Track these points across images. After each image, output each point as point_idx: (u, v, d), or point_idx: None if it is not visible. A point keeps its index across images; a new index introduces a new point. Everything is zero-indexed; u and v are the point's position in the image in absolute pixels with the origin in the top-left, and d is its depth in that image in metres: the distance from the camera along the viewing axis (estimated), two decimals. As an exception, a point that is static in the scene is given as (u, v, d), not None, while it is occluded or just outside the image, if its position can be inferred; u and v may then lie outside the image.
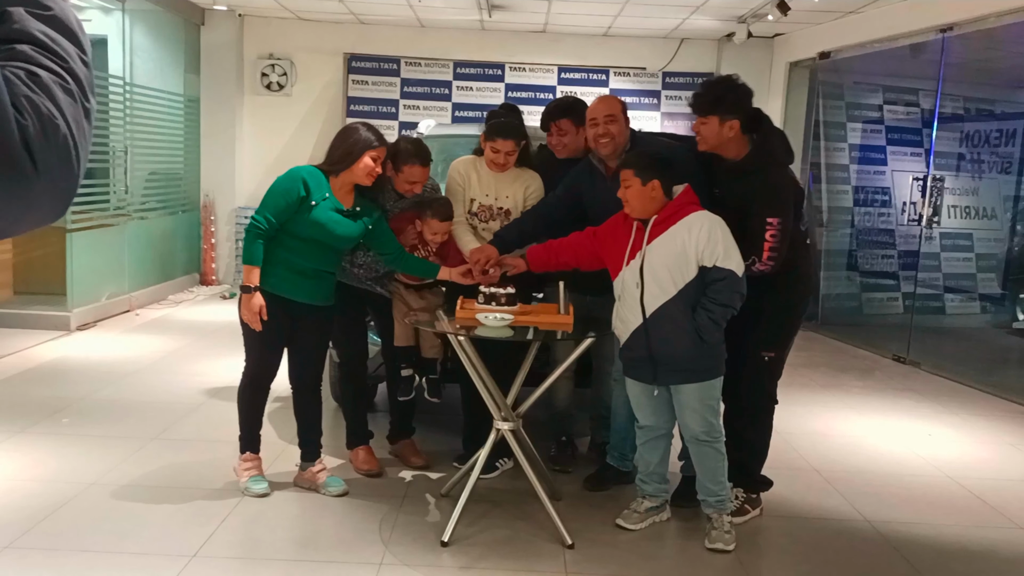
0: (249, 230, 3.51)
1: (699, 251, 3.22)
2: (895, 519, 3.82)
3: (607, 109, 3.70)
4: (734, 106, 3.44)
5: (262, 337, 3.59)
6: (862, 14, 7.63)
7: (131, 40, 7.81)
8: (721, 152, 3.52)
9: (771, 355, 3.59)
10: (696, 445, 3.41)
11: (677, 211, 3.29)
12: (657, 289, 3.26)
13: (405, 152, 3.76)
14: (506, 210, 3.98)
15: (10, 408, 4.82)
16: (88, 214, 7.11)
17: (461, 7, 8.23)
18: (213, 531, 3.34)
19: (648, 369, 3.37)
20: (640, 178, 3.28)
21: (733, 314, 3.28)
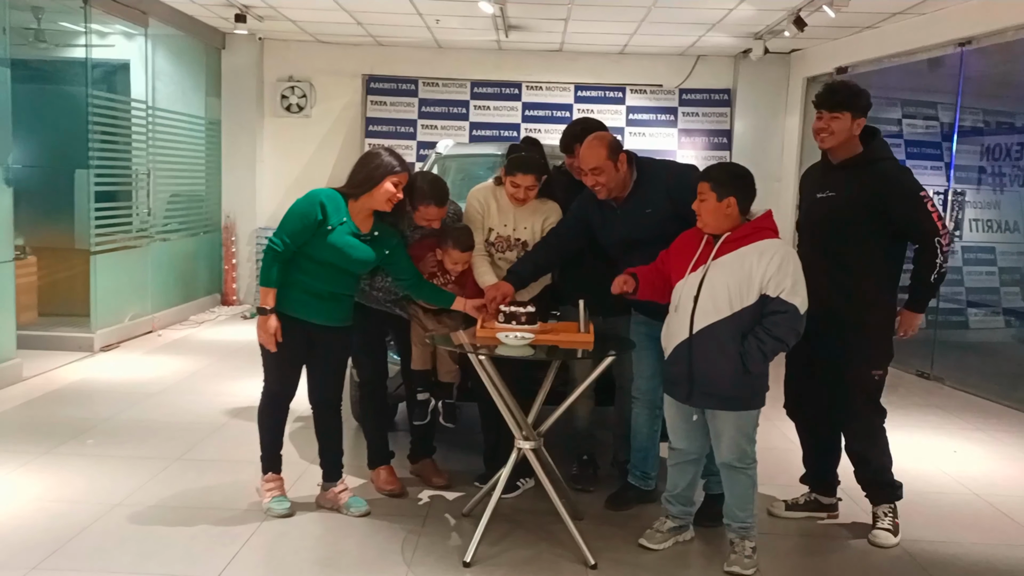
0: (266, 252, 3.54)
1: (766, 278, 3.13)
2: (922, 538, 3.77)
3: (591, 161, 3.58)
4: (864, 105, 3.50)
5: (279, 357, 3.61)
6: (879, 29, 7.62)
7: (153, 64, 7.93)
8: (838, 152, 3.54)
9: (880, 373, 3.60)
10: (728, 470, 3.35)
11: (753, 233, 3.20)
12: (711, 306, 3.19)
13: (420, 192, 3.74)
14: (523, 241, 3.98)
15: (36, 429, 4.87)
16: (111, 236, 7.20)
17: (478, 27, 8.30)
18: (237, 551, 3.36)
19: (684, 387, 3.30)
20: (716, 193, 3.19)
21: (784, 351, 3.23)
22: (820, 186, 3.63)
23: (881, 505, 3.72)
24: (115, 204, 7.31)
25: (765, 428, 4.61)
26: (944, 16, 6.82)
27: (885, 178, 3.48)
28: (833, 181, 3.58)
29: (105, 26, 7.48)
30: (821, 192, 3.61)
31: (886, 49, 7.64)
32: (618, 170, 3.60)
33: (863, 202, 3.47)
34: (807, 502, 3.90)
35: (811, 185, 3.72)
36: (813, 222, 3.67)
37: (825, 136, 3.53)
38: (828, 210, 3.57)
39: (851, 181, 3.51)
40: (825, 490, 3.90)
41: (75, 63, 7.29)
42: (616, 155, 3.59)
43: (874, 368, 3.57)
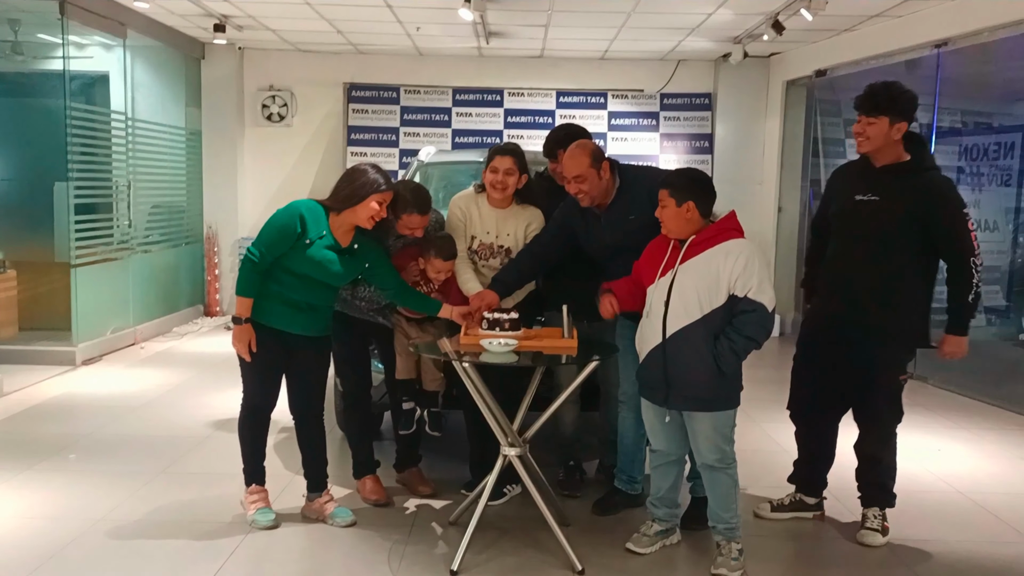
0: (244, 262, 3.52)
1: (732, 279, 3.16)
2: (908, 536, 3.78)
3: (574, 170, 3.57)
4: (905, 108, 3.43)
5: (257, 368, 3.59)
6: (857, 31, 7.68)
7: (132, 75, 7.89)
8: (879, 156, 3.50)
9: (905, 376, 3.62)
10: (708, 471, 3.36)
11: (717, 234, 3.24)
12: (682, 310, 3.22)
13: (403, 200, 3.72)
14: (506, 248, 3.97)
15: (17, 445, 4.81)
16: (92, 249, 7.14)
17: (459, 35, 8.30)
18: (221, 566, 3.33)
19: (661, 391, 3.33)
20: (675, 199, 3.23)
21: (755, 349, 3.24)
22: (860, 188, 3.56)
23: (872, 508, 3.73)
24: (95, 216, 7.26)
25: (750, 429, 4.62)
26: (921, 18, 6.88)
27: (932, 190, 3.44)
28: (876, 185, 3.51)
29: (83, 38, 7.43)
30: (861, 195, 3.54)
31: (864, 51, 7.70)
32: (601, 178, 3.60)
33: (908, 211, 3.42)
34: (792, 502, 3.92)
35: (848, 186, 3.64)
36: (853, 225, 3.60)
37: (862, 140, 3.50)
38: (870, 214, 3.51)
39: (896, 188, 3.45)
40: (811, 490, 3.92)
41: (53, 75, 7.23)
42: (599, 163, 3.59)
43: (901, 372, 3.60)
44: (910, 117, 3.46)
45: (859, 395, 3.65)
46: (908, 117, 3.45)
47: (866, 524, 3.72)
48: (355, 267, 3.62)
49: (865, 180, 3.56)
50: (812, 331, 3.79)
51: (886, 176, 3.50)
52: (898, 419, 3.70)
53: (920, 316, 3.58)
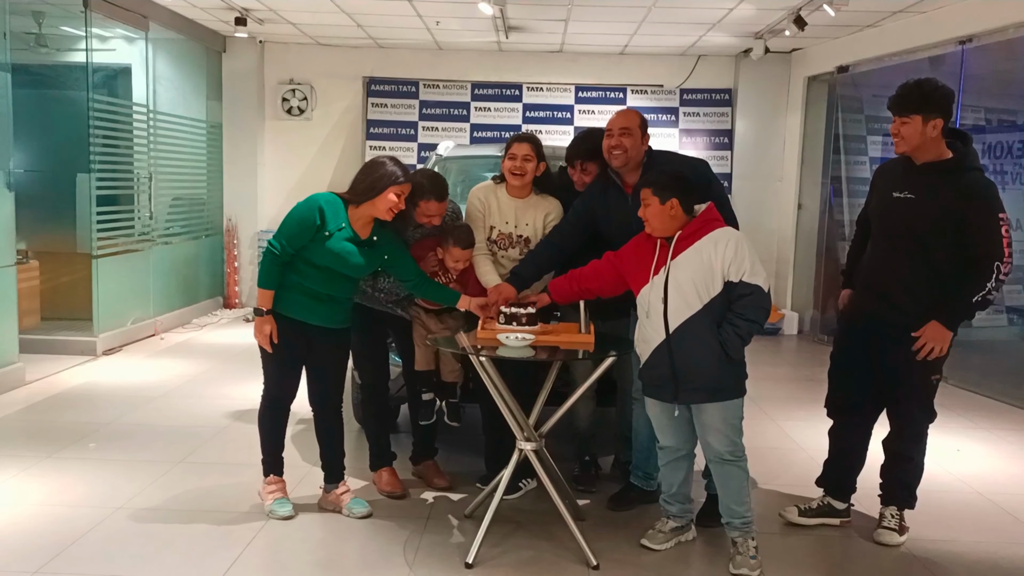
0: (265, 254, 3.55)
1: (725, 265, 3.21)
2: (925, 536, 3.76)
3: (623, 122, 3.69)
4: (938, 105, 3.36)
5: (277, 359, 3.62)
6: (880, 27, 7.61)
7: (154, 68, 7.94)
8: (918, 154, 3.43)
9: (938, 376, 3.57)
10: (720, 465, 3.36)
11: (702, 227, 3.29)
12: (682, 304, 3.25)
13: (420, 188, 3.75)
14: (525, 238, 3.97)
15: (38, 433, 4.88)
16: (113, 240, 7.21)
17: (478, 29, 8.30)
18: (239, 555, 3.36)
19: (669, 387, 3.33)
20: (659, 197, 3.28)
21: (758, 330, 3.26)
22: (899, 185, 3.50)
23: (891, 507, 3.71)
24: (117, 208, 7.33)
25: (767, 427, 4.58)
26: (945, 14, 6.81)
27: (970, 190, 3.36)
28: (914, 183, 3.45)
29: (106, 30, 7.49)
30: (899, 192, 3.49)
31: (887, 48, 7.63)
32: (643, 143, 3.70)
33: (943, 209, 3.36)
34: (820, 507, 3.84)
35: (888, 183, 3.59)
36: (889, 223, 3.56)
37: (898, 141, 3.44)
38: (905, 212, 3.46)
39: (934, 186, 3.39)
40: (840, 494, 3.84)
41: (76, 67, 7.30)
42: (645, 130, 3.72)
43: (933, 373, 3.55)
44: (946, 113, 3.38)
45: (892, 394, 3.61)
46: (943, 113, 3.36)
47: (883, 523, 3.69)
48: (374, 259, 3.64)
49: (904, 177, 3.50)
50: (848, 328, 3.76)
51: (925, 174, 3.44)
52: (930, 419, 3.64)
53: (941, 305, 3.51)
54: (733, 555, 3.37)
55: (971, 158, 3.47)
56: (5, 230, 5.78)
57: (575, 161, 3.96)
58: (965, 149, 3.44)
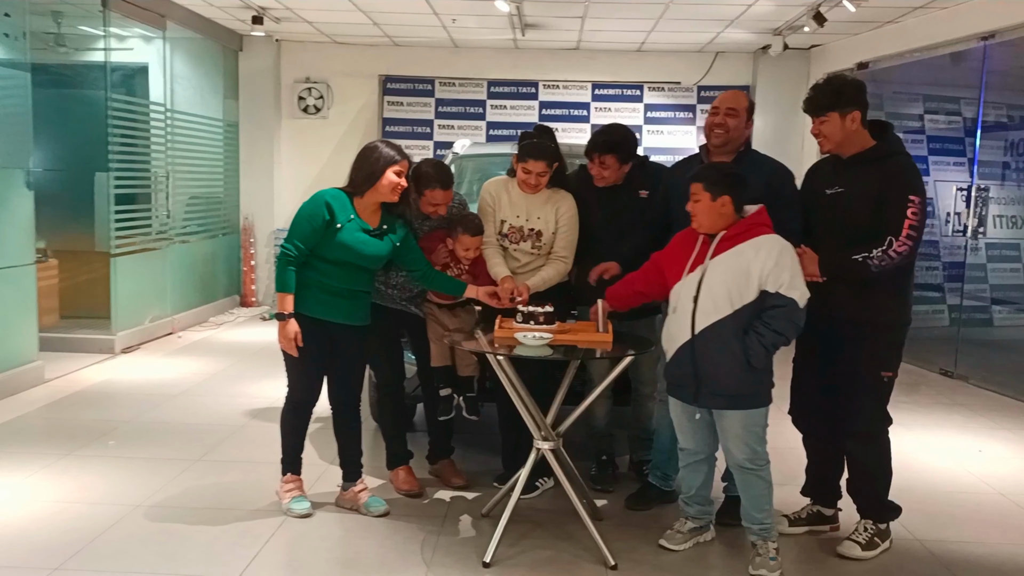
0: (280, 258, 3.54)
1: (764, 274, 3.11)
2: (947, 538, 3.72)
3: (731, 102, 3.63)
4: (852, 98, 3.34)
5: (302, 362, 3.61)
6: (900, 23, 7.54)
7: (171, 67, 7.98)
8: (843, 149, 3.41)
9: (890, 375, 3.45)
10: (740, 472, 3.31)
11: (748, 230, 3.20)
12: (711, 306, 3.17)
13: (426, 176, 3.76)
14: (537, 231, 3.94)
15: (58, 431, 4.91)
16: (131, 239, 7.25)
17: (494, 27, 8.28)
18: (257, 552, 3.36)
19: (691, 389, 3.29)
20: (710, 192, 3.19)
21: (784, 344, 3.18)
22: (829, 182, 3.48)
23: (866, 520, 3.56)
24: (135, 207, 7.37)
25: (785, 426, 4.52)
26: (966, 10, 6.74)
27: (890, 172, 3.32)
28: (843, 177, 3.44)
29: (124, 30, 7.53)
30: (830, 188, 3.47)
31: (907, 44, 7.55)
32: (747, 127, 3.65)
33: (872, 197, 3.31)
34: (809, 515, 3.76)
35: (819, 181, 3.57)
36: (823, 219, 3.51)
37: (822, 141, 3.44)
38: (837, 207, 3.42)
39: (861, 176, 3.36)
40: (827, 501, 3.76)
41: (94, 67, 7.34)
42: (750, 115, 3.66)
43: (883, 369, 3.44)
44: (860, 104, 3.34)
45: (843, 392, 3.50)
46: (858, 105, 3.34)
47: (852, 534, 3.54)
48: (388, 247, 3.64)
49: (834, 173, 3.48)
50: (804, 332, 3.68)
51: (852, 166, 3.41)
52: (883, 420, 3.51)
53: (897, 307, 3.43)
54: (752, 556, 3.34)
55: (893, 144, 3.43)
56: (25, 229, 5.81)
57: (593, 155, 3.92)
58: (886, 136, 3.41)
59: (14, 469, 4.20)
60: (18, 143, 5.76)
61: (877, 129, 3.43)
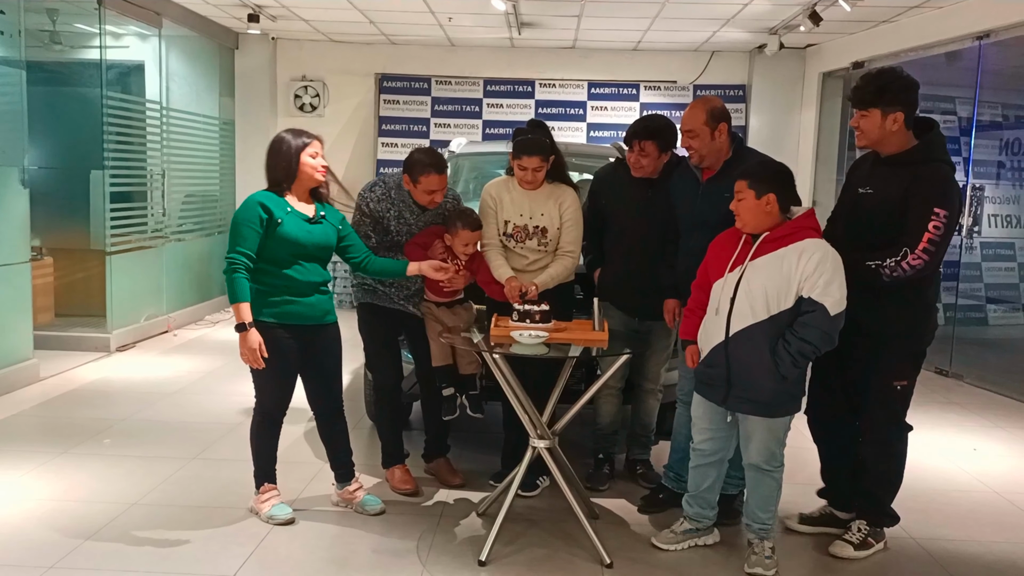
0: (227, 271, 3.39)
1: (803, 279, 3.02)
2: (942, 536, 3.73)
3: (687, 123, 3.56)
4: (897, 97, 3.20)
5: (271, 371, 3.46)
6: (896, 23, 7.55)
7: (167, 65, 7.96)
8: (881, 148, 3.30)
9: (903, 384, 3.39)
10: (754, 472, 3.29)
11: (793, 232, 3.08)
12: (747, 309, 3.10)
13: (419, 163, 3.74)
14: (542, 228, 3.93)
15: (53, 429, 4.89)
16: (127, 237, 7.23)
17: (491, 25, 8.28)
18: (252, 551, 3.36)
19: (721, 390, 3.23)
20: (755, 190, 3.09)
21: (815, 355, 3.10)
22: (863, 181, 3.37)
23: (861, 520, 3.54)
24: (130, 205, 7.34)
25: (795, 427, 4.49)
26: (961, 9, 6.75)
27: (919, 180, 3.17)
28: (876, 177, 3.32)
29: (119, 27, 7.51)
30: (863, 187, 3.36)
31: (903, 43, 7.57)
32: (714, 139, 3.54)
33: (897, 202, 3.20)
34: (823, 516, 3.74)
35: (855, 178, 3.48)
36: (852, 219, 3.42)
37: (859, 135, 3.32)
38: (863, 207, 3.35)
39: (892, 179, 3.24)
40: (843, 505, 3.71)
41: (90, 64, 7.32)
42: (716, 123, 3.52)
43: (896, 378, 3.38)
44: (906, 105, 3.21)
45: (859, 398, 3.48)
46: (903, 106, 3.20)
47: (845, 534, 3.52)
48: (332, 232, 3.58)
49: (870, 172, 3.38)
50: None
51: (886, 167, 3.31)
52: (898, 427, 3.45)
53: (918, 319, 3.35)
54: (748, 555, 3.34)
55: (933, 148, 3.26)
56: (20, 227, 5.80)
57: (633, 143, 3.87)
58: (928, 139, 3.27)
59: (9, 467, 4.19)
60: (13, 141, 5.74)
61: (923, 129, 3.30)
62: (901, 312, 3.30)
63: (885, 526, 3.57)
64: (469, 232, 3.82)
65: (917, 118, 3.32)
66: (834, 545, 3.52)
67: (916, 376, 3.45)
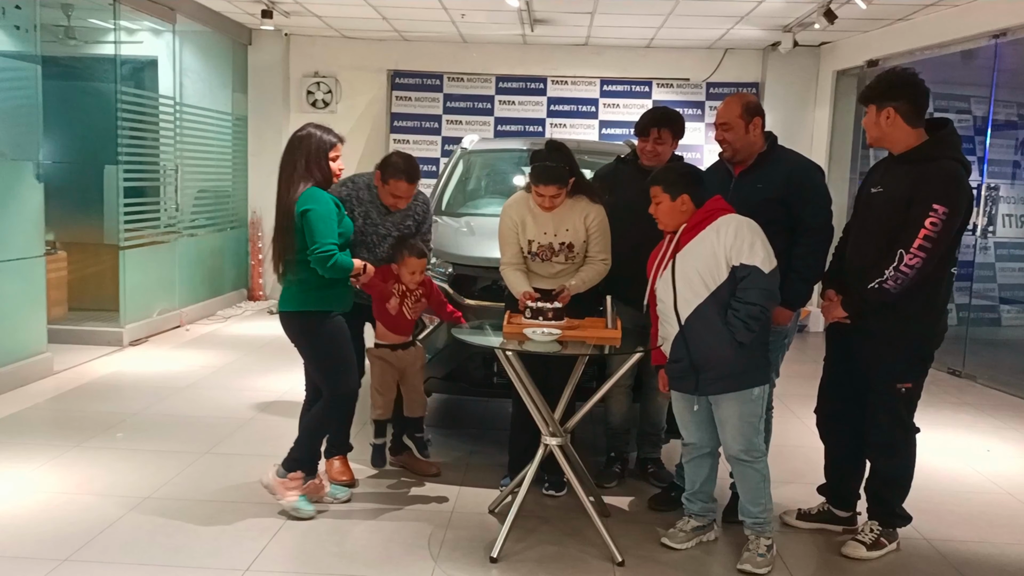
0: (323, 259, 3.45)
1: (728, 250, 3.17)
2: (955, 537, 3.71)
3: (722, 116, 3.60)
4: (888, 93, 3.24)
5: (348, 352, 3.68)
6: (911, 21, 7.51)
7: (181, 61, 7.99)
8: (888, 146, 3.33)
9: (908, 386, 3.37)
10: (736, 464, 3.33)
11: (707, 216, 3.26)
12: (690, 293, 3.23)
13: (394, 167, 3.79)
14: (568, 243, 3.82)
15: (66, 423, 4.92)
16: (140, 232, 7.26)
17: (503, 22, 8.27)
18: (264, 545, 3.37)
19: (691, 378, 3.30)
20: (669, 194, 3.29)
21: (763, 314, 3.17)
22: (875, 181, 3.38)
23: (873, 521, 3.53)
24: (143, 200, 7.38)
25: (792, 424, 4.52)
26: (978, 7, 6.70)
27: (922, 178, 3.16)
28: (886, 175, 3.33)
29: (133, 23, 7.54)
30: (875, 187, 3.36)
31: (918, 41, 7.52)
32: (748, 132, 3.57)
33: (902, 200, 3.19)
34: (820, 512, 3.74)
35: (869, 179, 3.47)
36: (863, 218, 3.43)
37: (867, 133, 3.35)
38: (873, 206, 3.35)
39: (901, 176, 3.24)
40: (842, 503, 3.71)
41: (104, 60, 7.36)
42: (751, 117, 3.57)
43: (899, 381, 3.35)
44: (900, 100, 3.21)
45: (863, 400, 3.46)
46: (894, 101, 3.21)
47: (857, 535, 3.52)
48: None
49: (884, 172, 3.38)
50: (829, 331, 3.63)
51: (896, 165, 3.31)
52: (901, 430, 3.42)
53: (926, 321, 3.31)
54: (743, 551, 3.35)
55: (941, 146, 3.24)
56: (34, 221, 5.83)
57: (649, 130, 3.90)
58: (938, 137, 3.26)
59: (23, 460, 4.22)
60: (28, 135, 5.77)
61: (934, 128, 3.29)
62: (909, 313, 3.28)
63: (897, 527, 3.56)
64: (415, 259, 3.81)
65: (933, 118, 3.31)
66: (846, 545, 3.52)
67: (922, 379, 3.43)
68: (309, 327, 3.62)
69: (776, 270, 3.19)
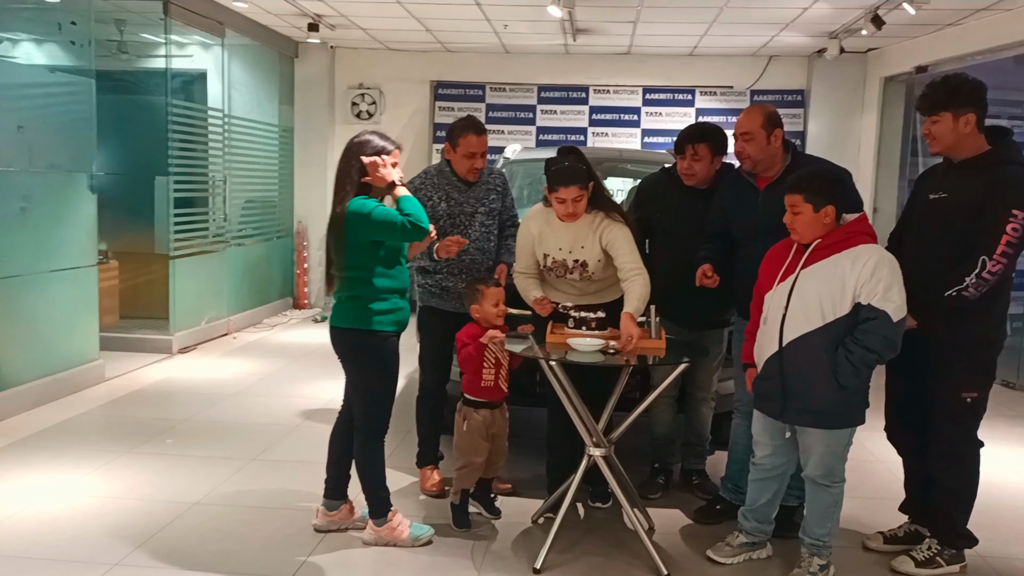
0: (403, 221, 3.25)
1: (859, 285, 2.94)
2: (1013, 555, 3.61)
3: (743, 126, 3.52)
4: (968, 98, 3.16)
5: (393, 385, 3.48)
6: (961, 26, 7.36)
7: (229, 74, 8.14)
8: (955, 152, 3.23)
9: (974, 396, 3.26)
10: (812, 485, 3.21)
11: (847, 239, 3.02)
12: (802, 317, 3.03)
13: (459, 126, 3.79)
14: (582, 262, 3.73)
15: (118, 429, 5.03)
16: (189, 241, 7.41)
17: (546, 32, 8.29)
18: (311, 551, 3.40)
19: (777, 402, 3.15)
20: (812, 204, 3.01)
21: (877, 362, 3.02)
22: (935, 187, 3.30)
23: (933, 539, 3.41)
24: (193, 210, 7.52)
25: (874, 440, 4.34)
26: (1031, 11, 6.55)
27: (995, 182, 3.10)
28: (949, 182, 3.25)
29: (184, 37, 7.71)
30: (935, 193, 3.28)
31: (968, 47, 7.37)
32: (770, 143, 3.51)
33: (973, 206, 3.12)
34: (907, 534, 3.60)
35: (926, 185, 3.40)
36: (924, 225, 3.33)
37: (931, 142, 3.26)
38: (936, 212, 3.26)
39: (968, 182, 3.17)
40: (926, 520, 3.57)
41: (155, 73, 7.53)
42: (772, 128, 3.50)
43: (965, 389, 3.25)
44: (977, 106, 3.15)
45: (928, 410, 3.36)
46: (974, 107, 3.15)
47: (912, 551, 3.41)
48: None
49: (943, 178, 3.31)
50: None
51: (961, 171, 3.23)
52: (967, 443, 3.32)
53: (981, 325, 3.23)
54: (795, 567, 3.28)
55: (1008, 151, 3.19)
56: (87, 231, 5.97)
57: (685, 147, 3.82)
58: (1003, 143, 3.20)
59: (76, 465, 4.31)
60: (83, 148, 5.92)
61: (994, 135, 3.24)
62: (974, 318, 3.21)
63: (960, 548, 3.41)
64: (493, 289, 3.65)
65: (989, 126, 3.24)
66: (896, 559, 3.42)
67: (988, 388, 3.33)
68: (360, 347, 3.36)
69: (904, 320, 2.96)
